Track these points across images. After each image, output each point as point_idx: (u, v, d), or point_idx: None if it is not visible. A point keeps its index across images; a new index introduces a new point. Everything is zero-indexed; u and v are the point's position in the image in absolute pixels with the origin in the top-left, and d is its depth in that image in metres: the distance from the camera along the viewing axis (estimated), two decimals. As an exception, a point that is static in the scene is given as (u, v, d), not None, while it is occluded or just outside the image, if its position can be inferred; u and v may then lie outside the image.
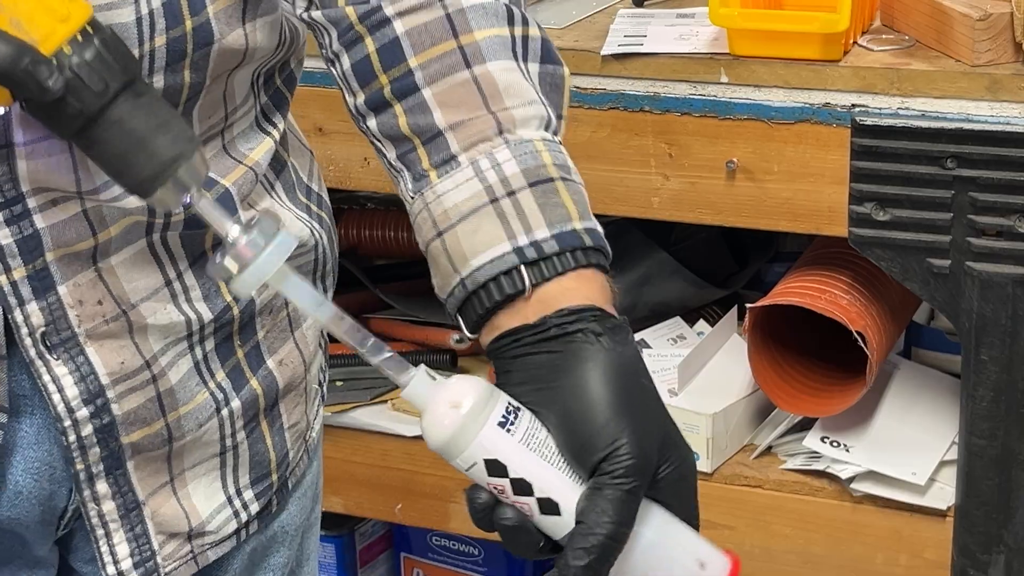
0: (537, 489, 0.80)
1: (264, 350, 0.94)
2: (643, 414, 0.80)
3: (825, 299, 1.43)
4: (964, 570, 1.26)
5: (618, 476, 0.78)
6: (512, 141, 0.85)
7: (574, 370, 0.80)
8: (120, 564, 0.90)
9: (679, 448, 0.82)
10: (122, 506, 0.89)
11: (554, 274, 0.83)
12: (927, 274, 1.21)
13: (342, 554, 1.85)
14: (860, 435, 1.49)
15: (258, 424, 0.95)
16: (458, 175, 0.84)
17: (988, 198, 1.18)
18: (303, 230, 0.95)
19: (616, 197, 1.48)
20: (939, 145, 1.18)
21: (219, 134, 0.89)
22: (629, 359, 0.82)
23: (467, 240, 0.84)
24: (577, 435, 0.80)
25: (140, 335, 0.87)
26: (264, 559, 1.00)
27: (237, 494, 0.95)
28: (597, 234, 0.85)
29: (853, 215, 1.21)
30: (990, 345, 1.20)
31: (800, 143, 1.40)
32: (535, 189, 0.84)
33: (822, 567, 1.49)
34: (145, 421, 0.88)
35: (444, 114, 0.85)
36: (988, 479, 1.23)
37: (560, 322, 0.81)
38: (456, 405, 0.79)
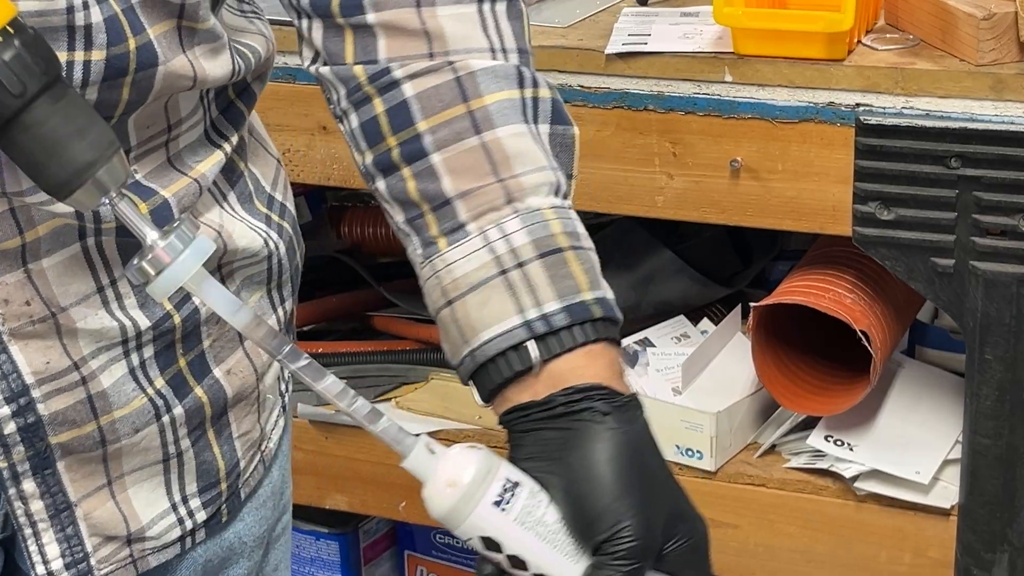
0: (532, 566, 0.81)
1: (210, 359, 0.93)
2: (648, 494, 0.81)
3: (829, 298, 1.43)
4: (968, 569, 1.26)
5: (619, 557, 0.79)
6: (521, 211, 0.84)
7: (580, 449, 0.81)
8: (50, 564, 0.89)
9: (688, 520, 0.83)
10: (51, 506, 0.88)
11: (562, 350, 0.83)
12: (931, 273, 1.21)
13: (346, 552, 1.85)
14: (864, 434, 1.49)
15: (204, 432, 0.93)
16: (467, 245, 0.84)
17: (992, 197, 1.18)
18: (255, 241, 0.93)
19: (620, 196, 1.48)
20: (943, 144, 1.18)
21: (163, 146, 0.87)
22: (636, 437, 0.82)
23: (476, 312, 0.84)
24: (582, 515, 0.80)
25: (69, 338, 0.86)
26: (221, 571, 0.99)
27: (183, 501, 0.94)
28: (607, 303, 0.85)
29: (857, 214, 1.22)
30: (994, 344, 1.20)
31: (804, 142, 1.40)
32: (545, 260, 0.83)
33: (826, 566, 1.49)
34: (75, 423, 0.87)
35: (453, 181, 0.85)
36: (992, 478, 1.23)
37: (567, 400, 0.82)
38: (452, 484, 0.80)
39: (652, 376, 1.55)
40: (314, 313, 1.81)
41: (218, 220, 0.91)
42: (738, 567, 1.53)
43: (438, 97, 0.85)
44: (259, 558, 1.02)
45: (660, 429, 1.51)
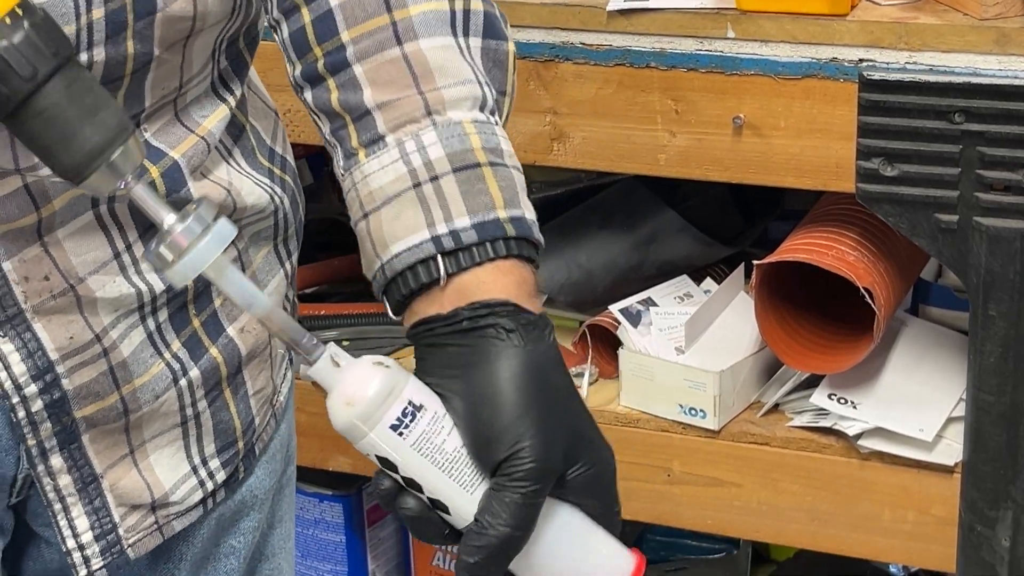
0: (427, 490, 0.80)
1: (223, 318, 0.92)
2: (549, 416, 0.79)
3: (832, 255, 1.43)
4: (971, 526, 1.26)
5: (517, 479, 0.78)
6: (440, 123, 0.83)
7: (482, 367, 0.79)
8: (80, 537, 0.89)
9: (593, 447, 0.81)
10: (79, 480, 0.88)
11: (471, 264, 0.81)
12: (935, 229, 1.20)
13: (350, 513, 1.86)
14: (867, 392, 1.49)
15: (221, 392, 0.93)
16: (384, 156, 0.83)
17: (996, 152, 1.17)
18: (262, 196, 0.93)
19: (622, 154, 1.48)
20: (947, 99, 1.17)
21: (171, 102, 0.87)
22: (541, 357, 0.81)
23: (388, 225, 0.83)
24: (480, 434, 0.79)
25: (89, 309, 0.86)
26: (233, 524, 0.99)
27: (203, 463, 0.94)
28: (523, 223, 0.83)
29: (860, 171, 1.21)
30: (998, 300, 1.19)
31: (807, 99, 1.40)
32: (459, 175, 0.82)
33: (829, 524, 1.49)
34: (98, 395, 0.87)
35: (373, 92, 0.84)
36: (996, 434, 1.23)
37: (472, 315, 0.80)
38: (350, 402, 0.78)
39: (655, 335, 1.55)
40: (317, 275, 1.81)
41: (226, 178, 0.91)
42: (741, 525, 1.53)
43: (362, 7, 0.84)
44: (268, 509, 1.02)
45: (663, 388, 1.53)
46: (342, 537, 1.86)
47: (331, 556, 1.87)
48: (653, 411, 1.53)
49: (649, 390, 1.53)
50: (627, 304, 1.58)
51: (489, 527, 0.78)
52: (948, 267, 1.25)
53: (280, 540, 1.05)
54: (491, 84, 0.86)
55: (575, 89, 1.47)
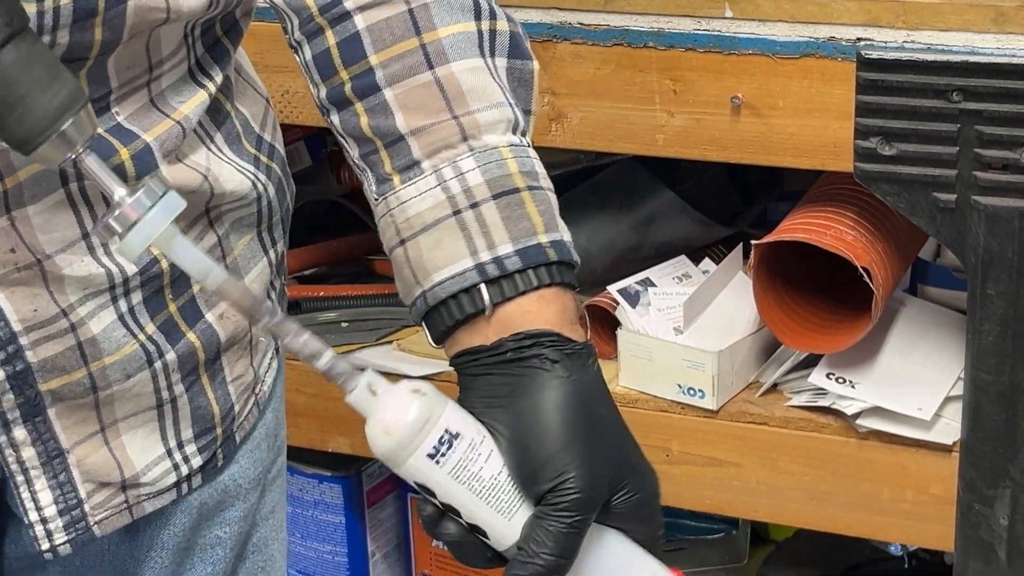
0: (465, 516, 0.80)
1: (201, 304, 0.92)
2: (595, 445, 0.79)
3: (831, 235, 1.43)
4: (970, 505, 1.26)
5: (562, 509, 0.78)
6: (477, 148, 0.83)
7: (527, 397, 0.80)
8: (43, 511, 0.89)
9: (638, 473, 0.82)
10: (43, 453, 0.88)
11: (515, 294, 0.82)
12: (933, 208, 1.20)
13: (349, 495, 1.86)
14: (866, 371, 1.49)
15: (198, 378, 0.93)
16: (421, 183, 0.83)
17: (994, 131, 1.17)
18: (243, 183, 0.92)
19: (620, 134, 1.48)
20: (945, 78, 1.17)
21: (144, 86, 0.86)
22: (586, 387, 0.81)
23: (429, 253, 0.83)
24: (526, 464, 0.79)
25: (56, 285, 0.85)
26: (217, 514, 0.99)
27: (178, 447, 0.93)
28: (563, 246, 0.83)
29: (859, 150, 1.21)
30: (996, 279, 1.20)
31: (805, 78, 1.39)
32: (499, 201, 0.82)
33: (828, 503, 1.49)
34: (64, 370, 0.86)
35: (406, 117, 0.83)
36: (994, 414, 1.23)
37: (516, 346, 0.81)
38: (387, 432, 0.79)
39: (654, 316, 1.55)
40: (315, 257, 1.81)
41: (204, 163, 0.90)
42: (740, 505, 1.53)
43: (389, 30, 0.84)
44: (255, 500, 1.01)
45: (661, 368, 1.53)
46: (342, 518, 1.86)
47: (331, 537, 1.87)
48: (652, 391, 1.53)
49: (648, 370, 1.53)
50: (626, 285, 1.58)
51: (535, 556, 0.78)
52: (946, 246, 1.26)
53: (272, 531, 1.05)
54: (519, 104, 0.86)
55: (573, 69, 1.47)
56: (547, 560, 0.78)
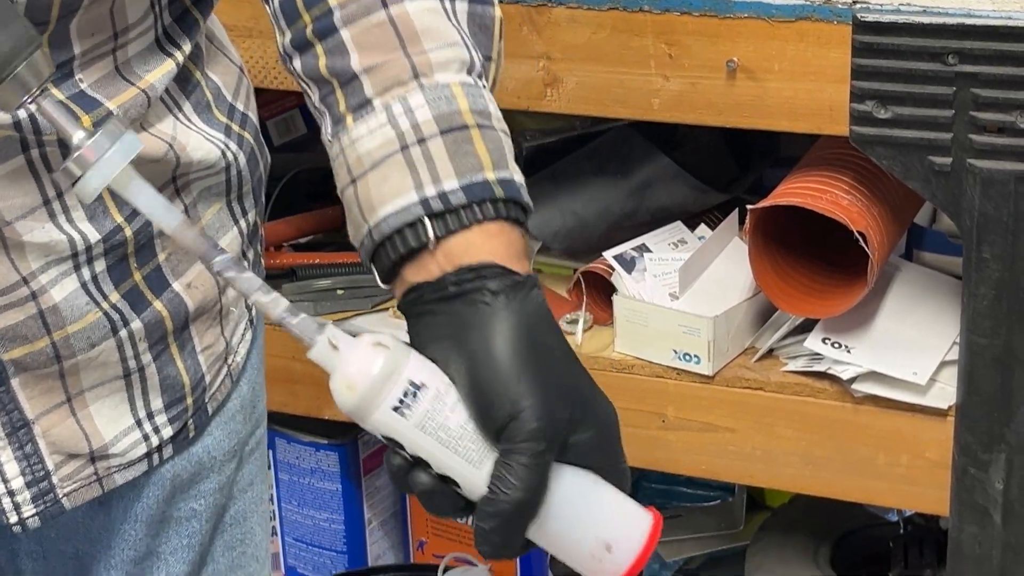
0: (435, 467, 0.79)
1: (168, 272, 0.91)
2: (546, 375, 0.79)
3: (826, 200, 1.43)
4: (965, 469, 1.26)
5: (521, 441, 0.77)
6: (427, 85, 0.82)
7: (472, 332, 0.79)
8: (10, 483, 0.88)
9: (595, 404, 0.81)
10: (7, 423, 0.87)
11: (459, 227, 0.81)
12: (928, 172, 1.20)
13: (346, 462, 1.86)
14: (862, 336, 1.49)
15: (166, 347, 0.92)
16: (372, 120, 0.83)
17: (990, 94, 1.17)
18: (212, 152, 0.92)
19: (616, 99, 1.47)
20: (941, 41, 1.17)
21: (110, 53, 0.85)
22: (531, 317, 0.80)
23: (376, 189, 0.82)
24: (480, 400, 0.78)
25: (16, 252, 0.84)
26: (191, 486, 0.98)
27: (148, 417, 0.93)
28: (512, 185, 0.83)
29: (854, 113, 1.21)
30: (992, 243, 1.19)
31: (801, 41, 1.39)
32: (447, 137, 0.82)
33: (824, 468, 1.49)
34: (26, 338, 0.86)
35: (360, 57, 0.83)
36: (989, 378, 1.23)
37: (458, 280, 0.80)
38: (351, 387, 0.78)
39: (649, 281, 1.55)
40: (311, 225, 1.81)
41: (171, 131, 0.89)
42: (736, 470, 1.53)
43: None
44: (231, 472, 1.01)
45: (657, 334, 1.53)
46: (338, 486, 1.87)
47: (327, 505, 1.88)
48: (647, 357, 1.53)
49: (643, 336, 1.53)
50: (621, 251, 1.57)
51: (500, 494, 0.77)
52: (942, 210, 1.25)
53: (252, 504, 1.04)
54: (478, 49, 0.85)
55: (568, 34, 1.46)
56: (513, 496, 0.77)
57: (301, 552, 1.91)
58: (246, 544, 1.03)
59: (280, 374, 1.60)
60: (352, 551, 1.89)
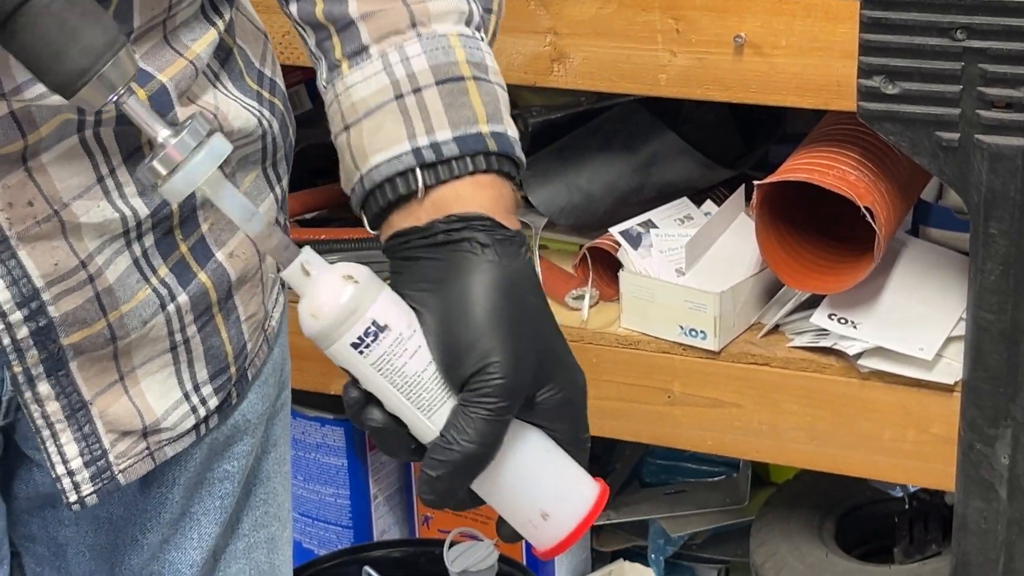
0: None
1: (211, 243, 0.92)
2: (521, 332, 0.79)
3: (833, 175, 1.43)
4: (971, 444, 1.26)
5: (484, 394, 0.77)
6: (424, 35, 0.82)
7: (454, 281, 0.79)
8: (70, 464, 0.89)
9: (565, 369, 0.81)
10: (67, 406, 0.88)
11: (449, 177, 0.81)
12: (936, 147, 1.20)
13: (352, 438, 1.86)
14: (868, 312, 1.49)
15: (212, 318, 0.93)
16: (367, 67, 0.83)
17: (998, 69, 1.16)
18: (249, 120, 0.92)
19: (623, 74, 1.47)
20: (949, 16, 1.16)
21: (160, 24, 0.86)
22: (515, 273, 0.80)
23: (369, 137, 0.82)
24: (450, 349, 0.79)
25: (74, 235, 0.85)
26: (227, 449, 0.99)
27: (195, 389, 0.93)
28: (506, 139, 0.83)
29: (862, 88, 1.20)
30: (999, 218, 1.19)
31: (809, 16, 1.39)
32: (442, 87, 0.82)
33: (829, 443, 1.49)
34: (85, 322, 0.86)
35: (358, 3, 0.83)
36: (996, 353, 1.23)
37: (447, 228, 0.80)
38: (314, 315, 0.79)
39: (656, 257, 1.55)
40: (317, 200, 1.81)
41: (213, 102, 0.90)
42: (742, 446, 1.54)
43: None
44: (261, 433, 1.02)
45: (664, 309, 1.53)
46: (344, 461, 1.87)
47: (333, 480, 1.88)
48: (654, 333, 1.54)
49: (650, 312, 1.53)
50: (627, 226, 1.58)
51: (454, 443, 0.78)
52: (949, 185, 1.25)
53: (275, 464, 1.05)
54: (477, 1, 0.86)
55: (575, 9, 1.46)
56: (466, 447, 0.77)
57: (307, 527, 1.92)
58: (269, 504, 1.05)
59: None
60: (357, 526, 1.90)
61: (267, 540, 1.05)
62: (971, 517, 1.27)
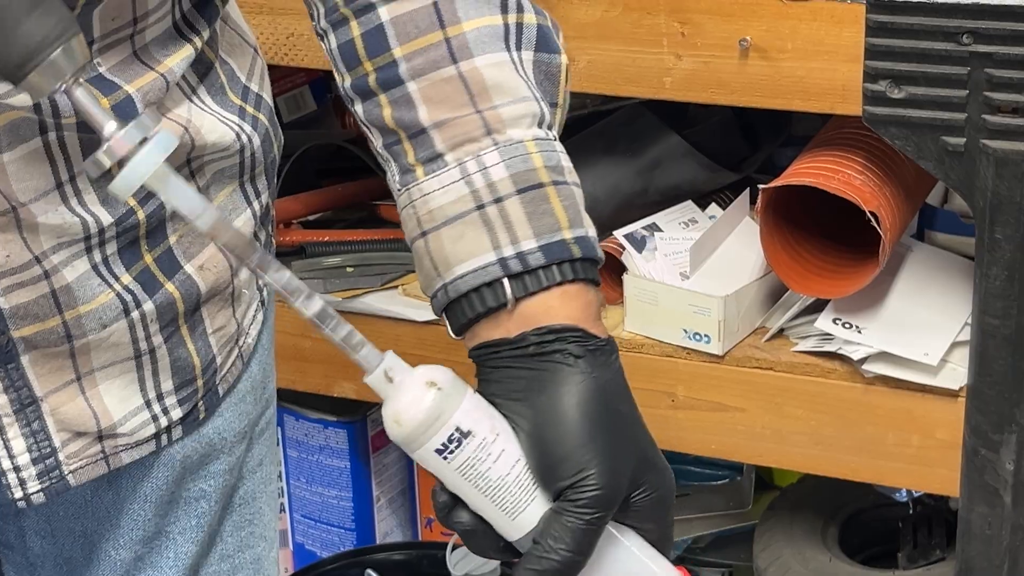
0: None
1: (179, 254, 0.91)
2: (616, 442, 0.79)
3: (839, 179, 1.42)
4: (976, 450, 1.26)
5: (581, 505, 0.78)
6: (501, 143, 0.82)
7: (548, 392, 0.79)
8: (16, 459, 0.88)
9: (656, 471, 0.81)
10: (15, 400, 0.87)
11: (538, 289, 0.81)
12: (942, 152, 1.20)
13: (354, 440, 1.86)
14: (873, 316, 1.49)
15: (177, 328, 0.92)
16: (444, 176, 0.82)
17: (1004, 74, 1.16)
18: (226, 134, 0.91)
19: (628, 78, 1.47)
20: (955, 20, 1.16)
21: (128, 39, 0.85)
22: (607, 383, 0.81)
23: (451, 246, 0.82)
24: (545, 459, 0.79)
25: (30, 232, 0.84)
26: (201, 467, 0.98)
27: (158, 399, 0.93)
28: (587, 242, 0.83)
29: (868, 93, 1.20)
30: (1004, 224, 1.19)
31: (815, 20, 1.38)
32: (524, 196, 0.82)
33: (833, 448, 1.49)
34: (37, 317, 0.86)
35: (429, 111, 0.83)
36: (1001, 358, 1.22)
37: (539, 340, 0.80)
38: (398, 422, 0.79)
39: (660, 260, 1.55)
40: (321, 202, 1.81)
41: (186, 115, 0.89)
42: (745, 450, 1.53)
43: (414, 23, 0.83)
44: (241, 453, 1.01)
45: (668, 313, 1.53)
46: (347, 463, 1.87)
47: (336, 482, 1.88)
48: (658, 336, 1.53)
49: (654, 315, 1.53)
50: (632, 230, 1.57)
51: (550, 551, 0.78)
52: (955, 190, 1.25)
53: (260, 484, 1.05)
54: (544, 98, 0.85)
55: (581, 12, 1.46)
56: (563, 556, 0.78)
57: (309, 529, 1.92)
58: (255, 524, 1.04)
59: (289, 351, 1.60)
60: (360, 528, 1.89)
61: (253, 561, 1.04)
62: (975, 523, 1.27)
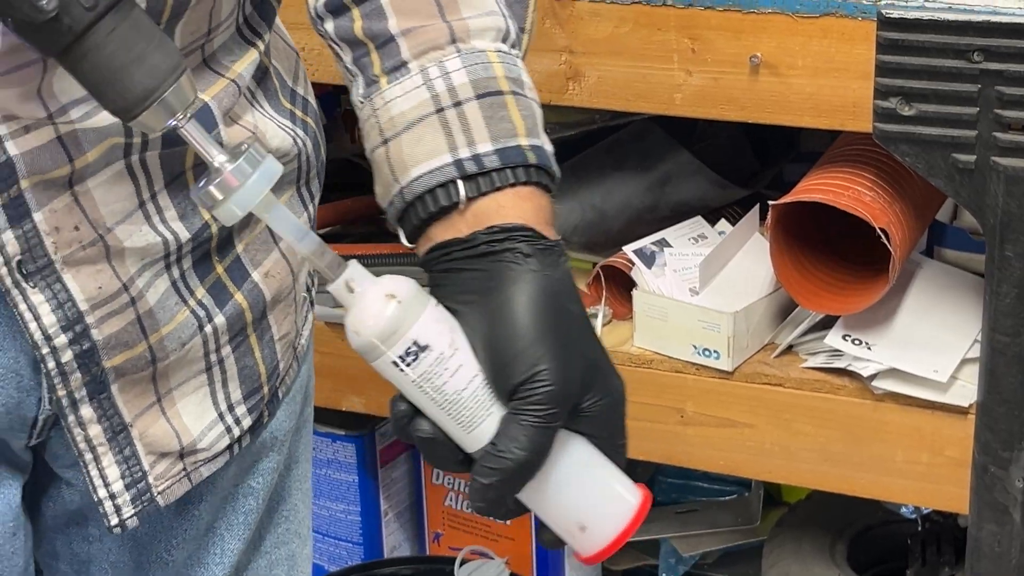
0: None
1: (247, 263, 0.92)
2: (567, 340, 0.80)
3: (848, 196, 1.42)
4: (985, 467, 1.26)
5: (535, 402, 0.78)
6: (464, 51, 0.83)
7: (499, 291, 0.80)
8: (111, 486, 0.89)
9: (607, 377, 0.82)
10: (108, 429, 0.88)
11: (491, 189, 0.82)
12: (952, 170, 1.20)
13: (363, 454, 1.86)
14: (882, 333, 1.49)
15: (246, 338, 0.93)
16: (407, 82, 0.83)
17: (1015, 91, 1.16)
18: (285, 140, 0.92)
19: (638, 93, 1.47)
20: (966, 38, 1.16)
21: (199, 48, 0.86)
22: (557, 282, 0.81)
23: (409, 149, 0.83)
24: (498, 359, 0.79)
25: (117, 259, 0.85)
26: (253, 465, 0.99)
27: (229, 410, 0.94)
28: (543, 152, 0.84)
29: (878, 110, 1.20)
30: (1015, 241, 1.19)
31: (825, 37, 1.39)
32: (483, 101, 0.83)
33: (842, 464, 1.49)
34: (127, 344, 0.87)
35: (398, 20, 0.84)
36: (1011, 376, 1.22)
37: (489, 239, 0.81)
38: (356, 332, 0.79)
39: (669, 276, 1.55)
40: (330, 216, 1.81)
41: (253, 121, 0.90)
42: (754, 466, 1.53)
43: None
44: (287, 449, 1.02)
45: (677, 329, 1.53)
46: (355, 477, 1.87)
47: (344, 496, 1.88)
48: (667, 352, 1.53)
49: (663, 331, 1.53)
50: (641, 245, 1.57)
51: (506, 451, 0.78)
52: (965, 207, 1.25)
53: (297, 480, 1.06)
54: (512, 19, 0.87)
55: (591, 27, 1.46)
56: (518, 455, 0.78)
57: (317, 543, 1.92)
58: (291, 521, 1.05)
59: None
60: (368, 542, 1.89)
61: (288, 557, 1.05)
62: (984, 540, 1.27)
